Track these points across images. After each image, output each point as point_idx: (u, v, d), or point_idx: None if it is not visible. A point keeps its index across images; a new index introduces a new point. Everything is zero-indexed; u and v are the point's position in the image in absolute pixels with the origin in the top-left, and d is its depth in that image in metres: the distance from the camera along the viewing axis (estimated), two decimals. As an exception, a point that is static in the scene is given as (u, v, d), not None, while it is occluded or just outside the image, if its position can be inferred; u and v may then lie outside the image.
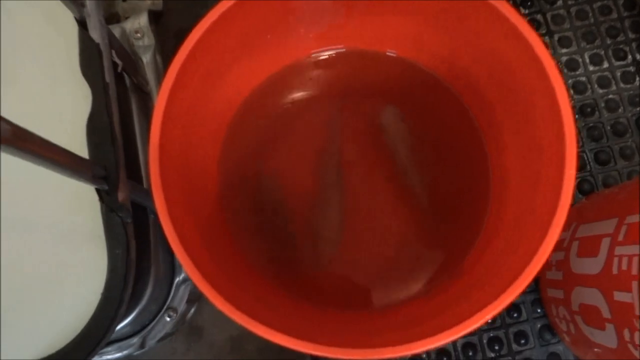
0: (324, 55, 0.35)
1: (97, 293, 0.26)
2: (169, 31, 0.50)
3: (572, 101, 0.47)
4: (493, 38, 0.26)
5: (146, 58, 0.44)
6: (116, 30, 0.43)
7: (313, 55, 0.35)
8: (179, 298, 0.38)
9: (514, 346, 0.43)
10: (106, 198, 0.27)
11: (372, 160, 0.35)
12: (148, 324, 0.38)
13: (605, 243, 0.33)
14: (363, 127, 0.35)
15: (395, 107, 0.35)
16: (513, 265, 0.24)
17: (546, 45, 0.24)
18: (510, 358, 0.43)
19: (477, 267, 0.28)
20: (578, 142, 0.30)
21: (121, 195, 0.27)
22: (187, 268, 0.24)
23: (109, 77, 0.29)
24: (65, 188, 0.28)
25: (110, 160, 0.27)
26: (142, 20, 0.44)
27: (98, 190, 0.27)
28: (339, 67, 0.35)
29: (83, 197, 0.28)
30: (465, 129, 0.33)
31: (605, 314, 0.32)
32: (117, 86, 0.36)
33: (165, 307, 0.38)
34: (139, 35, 0.44)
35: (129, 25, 0.44)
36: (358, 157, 0.35)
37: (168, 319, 0.38)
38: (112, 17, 0.46)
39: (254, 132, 0.35)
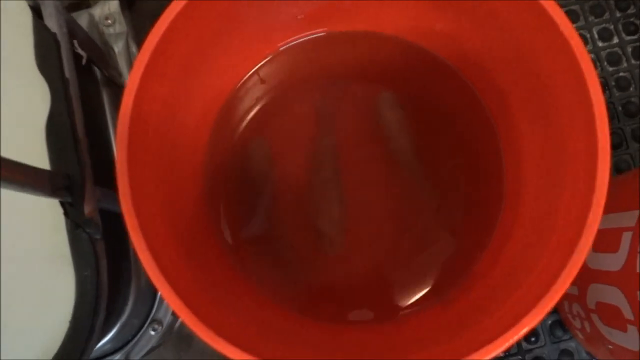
0: (317, 37, 0.32)
1: (66, 321, 0.23)
2: (144, 17, 0.46)
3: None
4: (511, 16, 0.22)
5: (118, 47, 0.40)
6: (83, 17, 0.39)
7: (305, 38, 0.32)
8: (164, 310, 0.35)
9: (524, 344, 0.40)
10: (71, 211, 0.24)
11: (372, 153, 0.32)
12: (131, 339, 0.35)
13: (626, 238, 0.30)
14: (361, 115, 0.33)
15: (394, 93, 0.32)
16: (536, 277, 0.21)
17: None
18: (520, 357, 0.40)
19: (494, 273, 0.25)
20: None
21: (88, 208, 0.24)
22: (160, 288, 0.21)
23: (69, 71, 0.26)
24: (24, 200, 0.25)
25: (74, 168, 0.24)
26: (113, 5, 0.40)
27: (62, 203, 0.24)
28: (335, 50, 0.32)
29: (47, 210, 0.25)
30: (473, 117, 0.30)
31: (627, 315, 0.30)
32: (85, 80, 0.32)
33: (149, 320, 0.35)
34: (109, 22, 0.40)
35: (98, 11, 0.40)
36: (356, 149, 0.33)
37: (153, 332, 0.35)
38: (81, 3, 0.42)
39: (243, 123, 0.33)
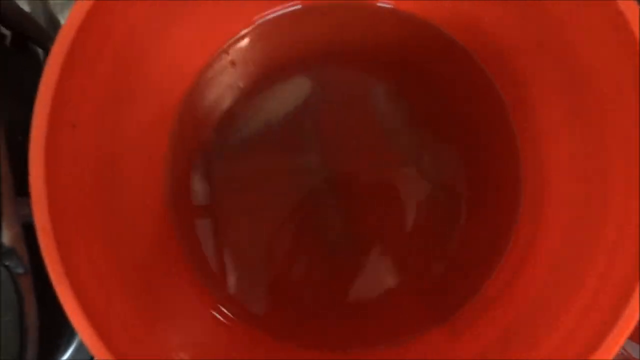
0: (293, 11, 0.26)
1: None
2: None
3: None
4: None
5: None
6: (22, -17, 0.33)
7: (279, 13, 0.26)
8: (126, 328, 0.31)
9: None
10: (-14, 239, 0.19)
11: (367, 147, 0.27)
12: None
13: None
14: (350, 101, 0.28)
15: (391, 77, 0.27)
16: (570, 314, 0.17)
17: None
18: None
19: (508, 303, 0.21)
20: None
21: (8, 235, 0.19)
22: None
23: (-19, 58, 0.20)
24: None
25: (-13, 185, 0.19)
26: (58, -32, 0.35)
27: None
28: (315, 28, 0.27)
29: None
30: (483, 105, 0.26)
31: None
32: (19, 64, 0.27)
33: (109, 339, 0.31)
34: (54, -12, 0.34)
35: (41, -24, 0.34)
36: (349, 142, 0.27)
37: (114, 353, 0.31)
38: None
39: (211, 115, 0.27)
